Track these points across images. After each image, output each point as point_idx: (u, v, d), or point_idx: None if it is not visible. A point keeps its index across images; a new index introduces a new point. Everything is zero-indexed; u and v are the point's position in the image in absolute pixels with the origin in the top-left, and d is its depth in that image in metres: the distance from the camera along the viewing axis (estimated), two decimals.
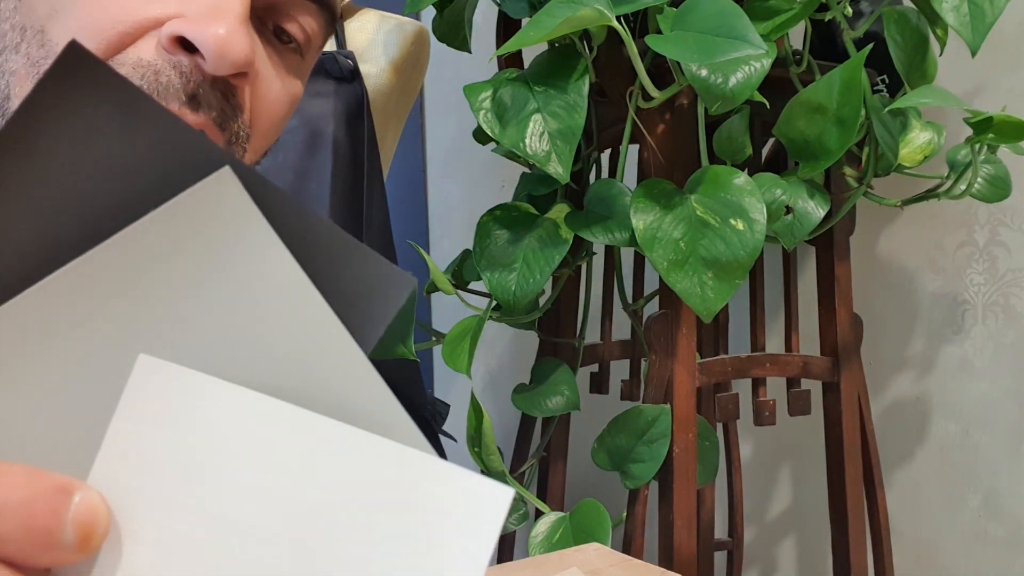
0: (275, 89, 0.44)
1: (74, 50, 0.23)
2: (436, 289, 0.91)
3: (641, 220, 0.74)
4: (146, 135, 0.23)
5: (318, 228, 0.25)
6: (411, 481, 0.23)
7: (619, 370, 1.16)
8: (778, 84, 0.84)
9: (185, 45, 0.37)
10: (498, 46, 0.99)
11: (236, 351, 0.24)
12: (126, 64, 0.37)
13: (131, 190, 0.24)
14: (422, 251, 0.88)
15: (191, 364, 0.24)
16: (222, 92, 0.39)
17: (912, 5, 0.85)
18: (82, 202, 0.24)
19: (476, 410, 0.84)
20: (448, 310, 1.69)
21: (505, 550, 1.09)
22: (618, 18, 0.68)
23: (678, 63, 0.76)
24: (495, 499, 0.24)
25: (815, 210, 0.81)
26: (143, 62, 0.37)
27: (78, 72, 0.23)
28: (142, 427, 0.23)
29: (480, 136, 1.04)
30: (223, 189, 0.24)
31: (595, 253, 0.97)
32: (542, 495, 1.07)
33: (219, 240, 0.24)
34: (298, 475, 0.22)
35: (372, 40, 1.10)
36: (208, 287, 0.24)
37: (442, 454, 1.14)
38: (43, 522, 0.21)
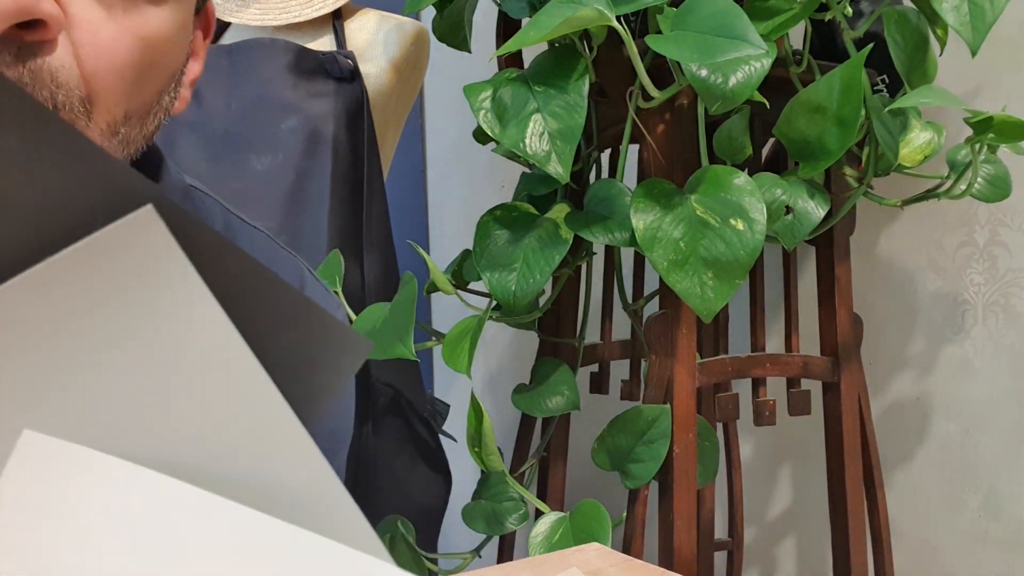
0: (107, 32, 0.36)
1: None
2: (436, 289, 0.91)
3: (641, 220, 0.74)
4: (53, 165, 0.19)
5: (261, 278, 0.21)
6: None
7: (619, 370, 1.16)
8: (778, 84, 0.84)
9: None
10: (498, 46, 0.99)
11: (151, 421, 0.20)
12: None
13: (33, 231, 0.20)
14: (422, 251, 0.88)
15: (95, 437, 0.20)
16: (15, 55, 0.32)
17: (912, 5, 0.84)
18: None
19: (476, 410, 0.84)
20: (448, 310, 1.69)
21: (505, 550, 1.09)
22: (618, 18, 0.68)
23: (678, 63, 0.76)
24: None
25: (815, 210, 0.81)
26: None
27: None
28: (22, 517, 0.19)
29: (480, 136, 1.04)
30: (144, 229, 0.20)
31: (595, 253, 0.97)
32: (542, 495, 1.07)
33: (136, 290, 0.20)
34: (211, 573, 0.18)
35: (372, 40, 1.10)
36: (120, 345, 0.20)
37: (441, 454, 1.14)
38: None
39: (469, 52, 1.01)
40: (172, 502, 0.19)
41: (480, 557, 0.93)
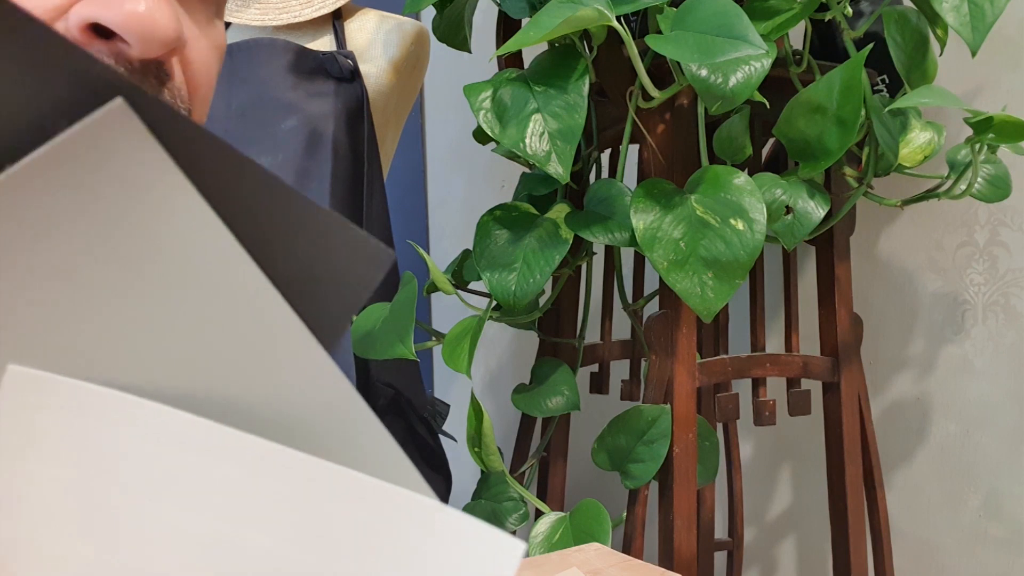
0: (203, 49, 0.38)
1: None
2: (436, 289, 0.91)
3: (641, 220, 0.74)
4: (9, 58, 0.17)
5: (262, 183, 0.19)
6: (408, 530, 0.17)
7: (619, 370, 1.16)
8: (778, 84, 0.84)
9: (100, 31, 0.32)
10: (498, 46, 0.99)
11: (144, 345, 0.18)
12: None
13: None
14: (422, 251, 0.88)
15: (82, 365, 0.18)
16: (156, 77, 0.34)
17: (912, 5, 0.84)
18: None
19: (476, 410, 0.84)
20: (448, 310, 1.69)
21: None
22: (618, 18, 0.68)
23: (678, 63, 0.76)
24: (506, 553, 0.18)
25: (815, 210, 0.81)
26: None
27: None
28: (16, 463, 0.17)
29: (480, 136, 1.04)
30: (117, 127, 0.17)
31: (595, 253, 0.97)
32: (542, 495, 1.07)
33: (114, 197, 0.17)
34: (229, 515, 0.17)
35: (372, 40, 1.10)
36: (101, 260, 0.18)
37: (441, 454, 1.14)
38: None
39: (469, 52, 1.01)
40: (176, 437, 0.17)
41: None
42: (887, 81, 0.93)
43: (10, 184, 0.17)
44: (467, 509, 0.91)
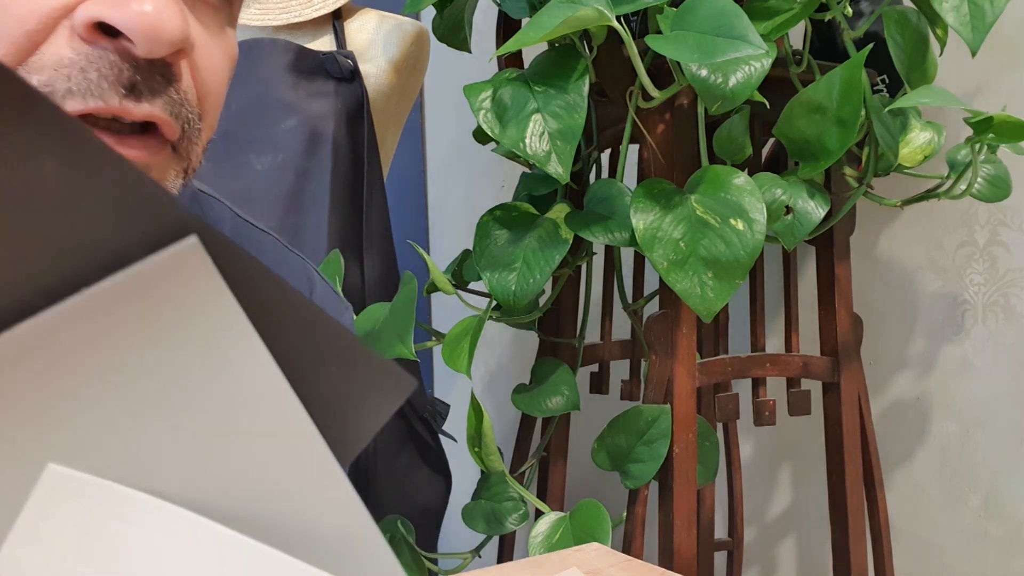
0: (215, 55, 0.38)
1: (4, 77, 0.17)
2: (436, 289, 0.91)
3: (641, 220, 0.74)
4: (92, 189, 0.18)
5: (305, 312, 0.21)
6: None
7: (619, 370, 1.16)
8: (778, 84, 0.84)
9: (106, 29, 0.32)
10: (498, 46, 0.99)
11: (185, 459, 0.19)
12: (45, 68, 0.32)
13: (70, 259, 0.18)
14: (422, 251, 0.88)
15: (126, 473, 0.19)
16: (163, 75, 0.34)
17: (912, 5, 0.85)
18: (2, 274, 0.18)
19: (476, 410, 0.84)
20: (448, 310, 1.69)
21: (505, 550, 1.09)
22: (618, 18, 0.68)
23: (678, 63, 0.76)
24: None
25: (815, 210, 0.81)
26: (64, 61, 0.32)
27: (6, 105, 0.17)
28: (41, 555, 0.18)
29: (480, 136, 1.04)
30: (188, 261, 0.19)
31: (595, 253, 0.97)
32: (542, 495, 1.07)
33: (177, 324, 0.19)
34: None
35: (372, 40, 1.10)
36: (157, 380, 0.19)
37: (441, 454, 1.14)
38: None
39: (469, 52, 1.01)
40: (202, 542, 0.18)
41: (480, 557, 0.93)
42: (887, 81, 0.93)
43: (88, 302, 0.19)
44: (467, 509, 0.91)
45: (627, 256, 1.18)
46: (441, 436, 1.15)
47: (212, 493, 0.19)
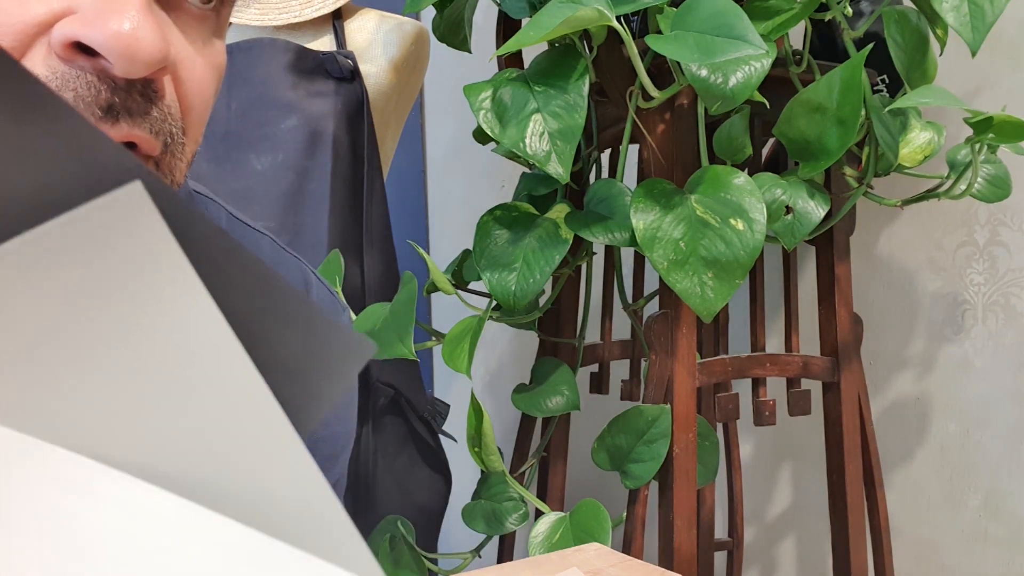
0: (198, 68, 0.37)
1: None
2: (436, 289, 0.91)
3: (641, 220, 0.74)
4: (40, 137, 0.18)
5: (258, 273, 0.20)
6: None
7: (619, 370, 1.16)
8: (778, 84, 0.84)
9: (84, 48, 0.31)
10: (498, 46, 0.99)
11: (130, 421, 0.18)
12: None
13: (14, 205, 0.18)
14: (422, 251, 0.88)
15: (68, 434, 0.18)
16: (141, 92, 0.33)
17: (912, 5, 0.85)
18: None
19: (476, 410, 0.84)
20: (448, 310, 1.69)
21: (505, 550, 1.09)
22: (618, 18, 0.68)
23: (678, 63, 0.76)
24: None
25: (815, 210, 0.81)
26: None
27: None
28: None
29: (480, 136, 1.04)
30: (130, 207, 0.18)
31: (595, 253, 0.97)
32: (542, 495, 1.07)
33: (119, 273, 0.18)
34: None
35: (372, 40, 1.10)
36: (99, 334, 0.18)
37: (441, 454, 1.14)
38: None
39: (469, 52, 1.01)
40: (152, 513, 0.17)
41: (480, 557, 0.93)
42: (887, 81, 0.93)
43: (24, 247, 0.17)
44: (467, 509, 0.91)
45: (627, 256, 1.18)
46: (441, 436, 1.15)
47: (159, 458, 0.18)
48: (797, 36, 0.91)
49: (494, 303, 0.87)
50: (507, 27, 0.99)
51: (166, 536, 0.17)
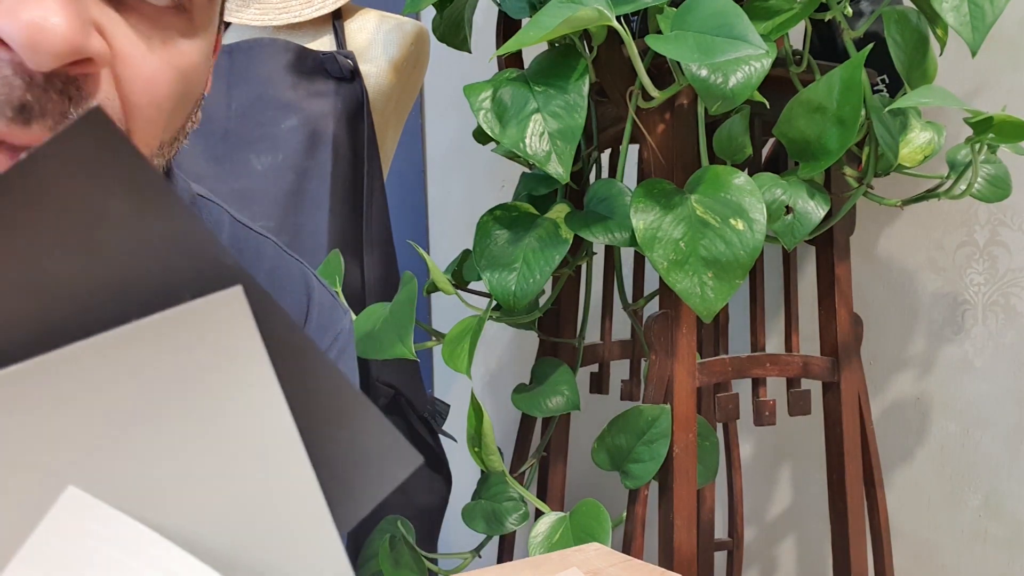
0: (149, 66, 0.35)
1: (95, 117, 0.19)
2: (436, 289, 0.91)
3: (641, 220, 0.74)
4: (154, 231, 0.20)
5: (328, 373, 0.22)
6: None
7: (619, 370, 1.16)
8: (778, 84, 0.84)
9: (2, 41, 0.30)
10: (498, 46, 0.99)
11: (192, 496, 0.20)
12: None
13: (124, 288, 0.20)
14: (422, 251, 0.88)
15: (134, 503, 0.20)
16: (61, 91, 0.31)
17: (912, 5, 0.84)
18: (64, 291, 0.20)
19: (476, 410, 0.84)
20: (448, 310, 1.69)
21: (505, 550, 1.09)
22: (618, 18, 0.68)
23: (678, 63, 0.76)
24: None
25: (815, 210, 0.81)
26: None
27: (95, 139, 0.19)
28: (53, 556, 0.19)
29: (480, 136, 1.04)
30: (230, 309, 0.20)
31: (595, 253, 0.97)
32: (542, 495, 1.07)
33: (210, 367, 0.20)
34: None
35: (372, 40, 1.10)
36: (182, 418, 0.20)
37: (441, 454, 1.14)
38: None
39: (469, 52, 1.01)
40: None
41: (480, 557, 0.93)
42: (887, 81, 0.93)
43: (131, 333, 0.20)
44: (467, 509, 0.91)
45: (627, 256, 1.18)
46: (441, 436, 1.15)
47: (207, 534, 0.20)
48: (797, 36, 0.91)
49: (494, 303, 0.87)
50: (507, 27, 0.99)
51: None
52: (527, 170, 0.99)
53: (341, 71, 1.04)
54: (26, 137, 0.31)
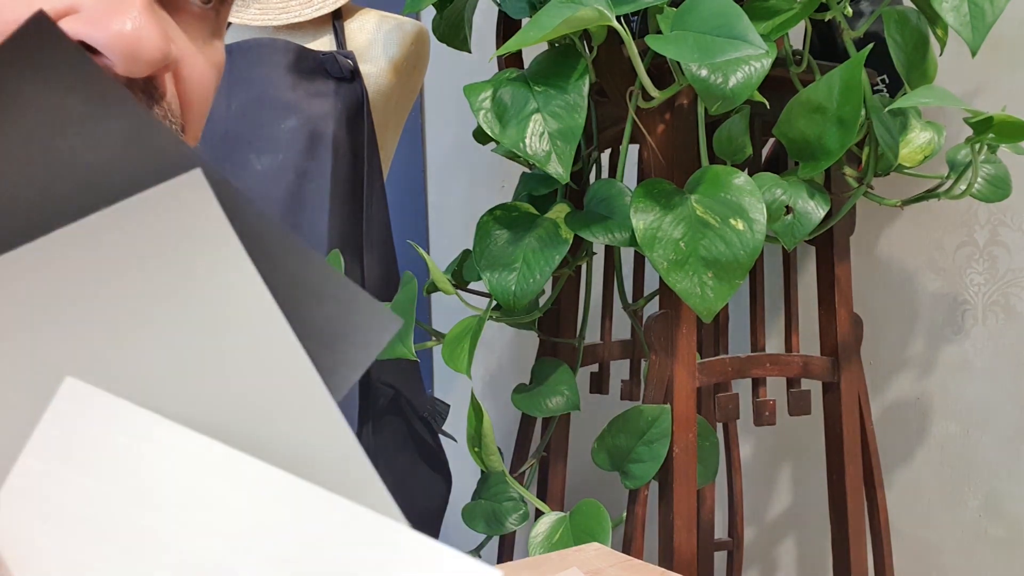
0: (199, 66, 0.38)
1: (39, 23, 0.19)
2: (436, 289, 0.91)
3: (641, 220, 0.74)
4: (112, 129, 0.21)
5: (298, 253, 0.22)
6: (371, 554, 0.19)
7: (619, 370, 1.16)
8: (778, 84, 0.84)
9: (87, 47, 0.32)
10: (498, 46, 0.99)
11: (185, 378, 0.21)
12: None
13: (87, 188, 0.21)
14: (422, 251, 0.88)
15: (129, 389, 0.20)
16: (143, 90, 0.34)
17: (912, 5, 0.84)
18: (29, 195, 0.20)
19: (476, 410, 0.84)
20: (448, 310, 1.69)
21: (505, 550, 1.09)
22: (618, 18, 0.68)
23: (678, 63, 0.76)
24: None
25: (815, 210, 0.81)
26: None
27: (42, 48, 0.20)
28: (55, 466, 0.20)
29: (480, 136, 1.04)
30: (191, 192, 0.21)
31: (595, 253, 0.97)
32: (542, 495, 1.07)
33: (180, 249, 0.21)
34: (241, 533, 0.19)
35: (372, 40, 1.10)
36: (161, 301, 0.21)
37: (441, 454, 1.14)
38: None
39: (469, 52, 1.01)
40: (203, 460, 0.20)
41: (480, 557, 0.93)
42: (887, 81, 0.93)
43: (100, 221, 0.21)
44: (467, 509, 0.91)
45: (627, 256, 1.18)
46: (441, 436, 1.15)
47: (205, 414, 0.20)
48: (797, 36, 0.91)
49: (494, 303, 0.87)
50: (507, 27, 0.99)
51: (216, 479, 0.20)
52: (527, 170, 0.99)
53: (341, 71, 1.04)
54: None
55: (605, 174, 1.07)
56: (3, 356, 0.20)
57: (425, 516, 1.12)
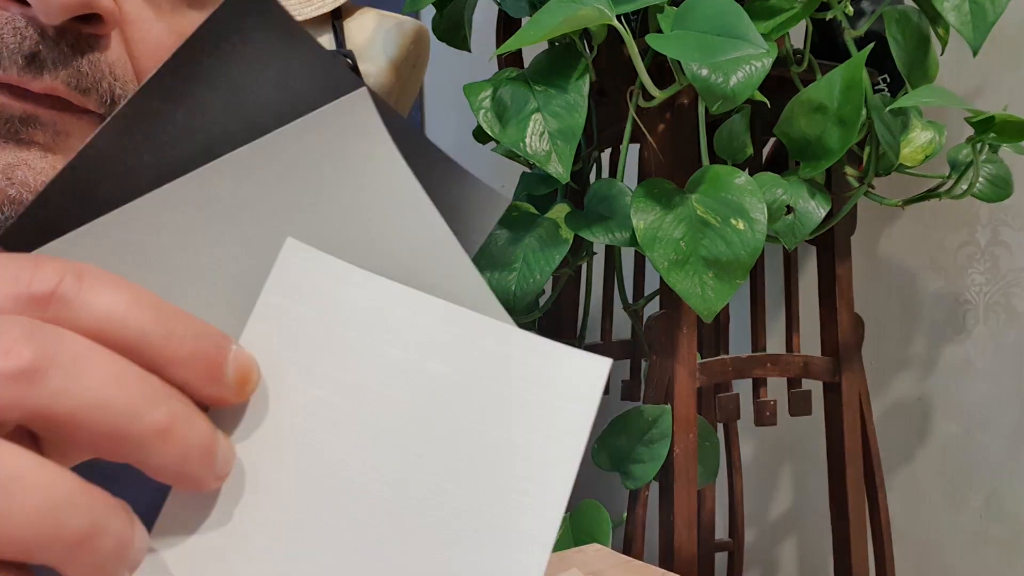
0: (155, 32, 0.37)
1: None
2: None
3: (641, 220, 0.74)
4: (301, 64, 0.27)
5: (429, 150, 0.28)
6: (520, 355, 0.26)
7: (619, 370, 1.16)
8: (779, 84, 0.83)
9: None
10: (498, 45, 0.99)
11: (362, 248, 0.26)
12: None
13: (281, 110, 0.27)
14: None
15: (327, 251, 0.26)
16: (72, 45, 0.34)
17: (913, 4, 0.84)
18: (243, 116, 0.26)
19: None
20: None
21: None
22: (618, 17, 0.68)
23: (679, 62, 0.76)
24: (594, 369, 0.28)
25: (816, 210, 0.81)
26: None
27: (250, 9, 0.26)
28: (287, 302, 0.25)
29: (480, 136, 1.04)
30: (359, 108, 0.27)
31: (595, 253, 0.97)
32: None
33: (352, 152, 0.27)
34: (421, 350, 0.25)
35: (372, 39, 1.10)
36: (340, 192, 0.27)
37: None
38: (212, 354, 0.23)
39: (469, 51, 1.01)
40: (393, 298, 0.25)
41: None
42: (888, 80, 0.93)
43: (286, 135, 0.26)
44: None
45: (627, 256, 1.17)
46: None
47: (382, 261, 0.26)
48: (798, 35, 0.90)
49: None
50: (507, 26, 0.99)
51: (417, 315, 0.25)
52: (527, 170, 0.99)
53: None
54: (38, 85, 0.33)
55: (605, 174, 1.07)
56: (238, 225, 0.26)
57: None
